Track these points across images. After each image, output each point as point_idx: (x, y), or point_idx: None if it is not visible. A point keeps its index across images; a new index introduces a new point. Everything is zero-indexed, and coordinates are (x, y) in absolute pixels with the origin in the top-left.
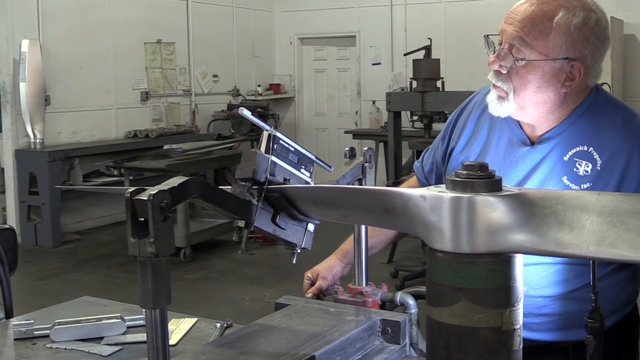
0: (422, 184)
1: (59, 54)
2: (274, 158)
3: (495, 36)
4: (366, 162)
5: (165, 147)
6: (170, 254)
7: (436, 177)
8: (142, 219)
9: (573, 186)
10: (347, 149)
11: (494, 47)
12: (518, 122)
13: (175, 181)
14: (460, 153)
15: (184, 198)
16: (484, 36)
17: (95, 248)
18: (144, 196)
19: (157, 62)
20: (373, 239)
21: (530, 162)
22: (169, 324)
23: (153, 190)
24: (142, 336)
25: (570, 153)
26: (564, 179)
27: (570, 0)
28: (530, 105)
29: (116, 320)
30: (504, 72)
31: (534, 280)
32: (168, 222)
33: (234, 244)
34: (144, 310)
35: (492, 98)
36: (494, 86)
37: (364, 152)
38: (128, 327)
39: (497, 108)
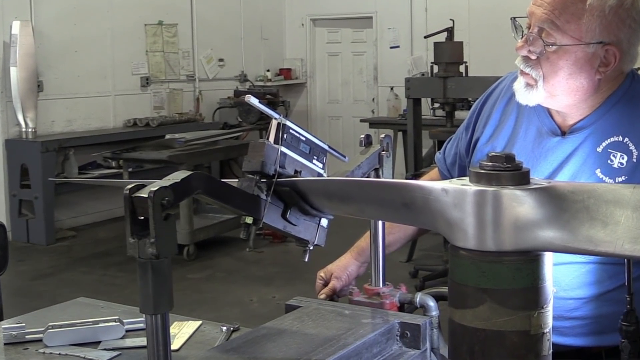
0: (444, 176)
1: (53, 37)
2: (283, 149)
3: (523, 19)
4: (383, 151)
5: (167, 136)
6: (172, 254)
7: (459, 169)
8: (142, 218)
9: (607, 179)
10: (363, 136)
11: (522, 31)
12: (548, 110)
13: (177, 176)
14: (486, 144)
15: (187, 194)
16: (511, 19)
17: (92, 245)
18: (144, 193)
19: (158, 45)
20: (391, 236)
21: (561, 153)
22: (171, 328)
23: (154, 186)
24: (142, 340)
25: (604, 144)
26: (598, 171)
27: None
28: (561, 92)
29: (114, 324)
30: (533, 57)
31: (564, 280)
32: (170, 221)
33: (241, 241)
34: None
35: (519, 85)
36: (522, 73)
37: (380, 140)
38: (127, 331)
39: (525, 96)
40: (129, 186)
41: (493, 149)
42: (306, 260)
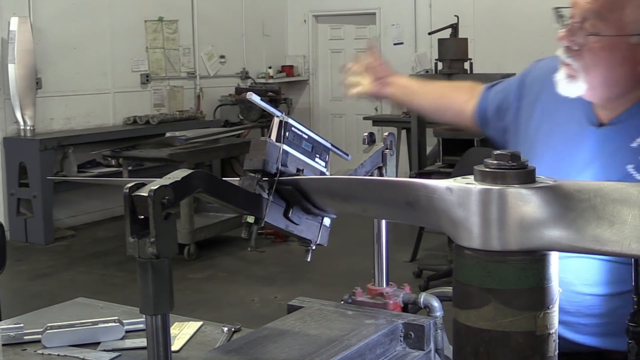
0: (479, 108)
1: (52, 33)
2: (285, 147)
3: (566, 9)
4: (387, 149)
5: (168, 134)
6: (172, 254)
7: (494, 114)
8: (142, 217)
9: (638, 176)
10: (366, 134)
11: (565, 21)
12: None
13: (178, 175)
14: (535, 134)
15: (188, 193)
16: (554, 8)
17: (91, 245)
18: (144, 192)
19: (158, 41)
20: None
21: (594, 145)
22: (172, 328)
23: (154, 185)
24: (142, 341)
25: (639, 139)
26: (629, 167)
27: None
28: (602, 85)
29: (114, 324)
30: (575, 48)
31: (585, 275)
32: (170, 220)
33: (243, 240)
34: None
35: (561, 76)
36: (564, 63)
37: (384, 138)
38: (127, 332)
39: (567, 87)
40: (129, 185)
41: (536, 137)
42: (309, 260)
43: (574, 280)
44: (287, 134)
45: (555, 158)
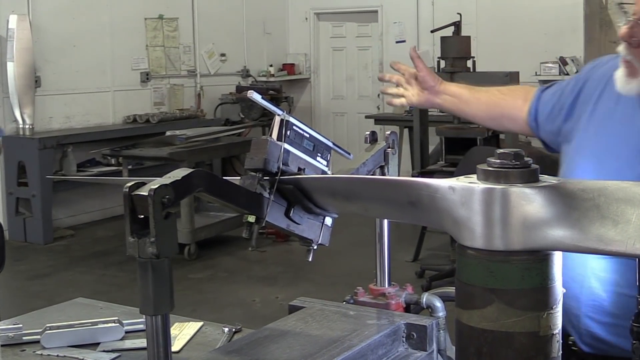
0: (530, 113)
1: (51, 31)
2: (287, 146)
3: (629, 5)
4: (389, 148)
5: (168, 133)
6: (173, 254)
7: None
8: (142, 216)
9: None
10: (368, 133)
11: (627, 17)
12: None
13: (178, 174)
14: (588, 134)
15: (188, 192)
16: (617, 4)
17: (91, 245)
18: (143, 191)
19: (158, 39)
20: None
21: None
22: (172, 329)
23: (154, 184)
24: (141, 342)
25: None
26: None
27: None
28: None
29: (113, 325)
30: (636, 46)
31: (635, 276)
32: (170, 220)
33: (244, 240)
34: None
35: (620, 74)
36: (624, 61)
37: (386, 137)
38: (126, 332)
39: (625, 85)
40: (129, 184)
41: (592, 138)
42: (310, 259)
43: (621, 281)
44: (288, 132)
45: (610, 158)
